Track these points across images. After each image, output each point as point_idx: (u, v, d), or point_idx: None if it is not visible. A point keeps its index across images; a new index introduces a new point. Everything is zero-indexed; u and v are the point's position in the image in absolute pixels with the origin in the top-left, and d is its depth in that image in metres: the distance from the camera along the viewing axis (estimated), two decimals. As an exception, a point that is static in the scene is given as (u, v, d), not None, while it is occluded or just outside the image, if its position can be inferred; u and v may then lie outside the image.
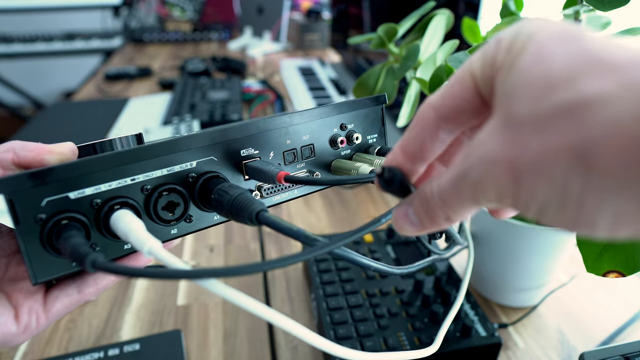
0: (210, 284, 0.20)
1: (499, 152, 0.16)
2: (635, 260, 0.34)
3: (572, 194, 0.14)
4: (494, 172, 0.16)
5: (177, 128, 0.97)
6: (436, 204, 0.19)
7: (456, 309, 0.37)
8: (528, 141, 0.15)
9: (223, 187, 0.26)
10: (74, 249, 0.22)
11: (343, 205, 0.78)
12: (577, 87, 0.14)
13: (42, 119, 1.17)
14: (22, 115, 2.50)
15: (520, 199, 0.16)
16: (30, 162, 0.25)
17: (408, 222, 0.21)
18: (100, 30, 2.47)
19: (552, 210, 0.15)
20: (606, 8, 0.35)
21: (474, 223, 0.55)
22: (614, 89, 0.13)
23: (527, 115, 0.15)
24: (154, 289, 0.59)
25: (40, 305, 0.26)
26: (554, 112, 0.14)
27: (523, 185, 0.15)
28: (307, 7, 1.98)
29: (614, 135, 0.13)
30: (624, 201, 0.13)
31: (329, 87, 1.31)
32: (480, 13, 0.67)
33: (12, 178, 0.22)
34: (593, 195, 0.14)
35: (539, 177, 0.15)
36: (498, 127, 0.16)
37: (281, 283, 0.60)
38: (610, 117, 0.13)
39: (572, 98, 0.14)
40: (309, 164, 0.32)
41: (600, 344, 0.51)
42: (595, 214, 0.14)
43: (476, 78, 0.18)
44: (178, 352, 0.49)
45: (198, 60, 1.55)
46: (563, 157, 0.14)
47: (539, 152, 0.15)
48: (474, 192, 0.17)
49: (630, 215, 0.14)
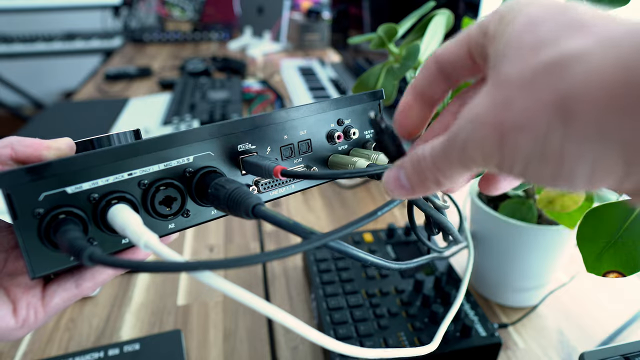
0: (207, 276, 0.20)
1: (486, 113, 0.17)
2: (635, 260, 0.34)
3: (553, 147, 0.15)
4: (481, 132, 0.17)
5: (177, 128, 0.97)
6: (427, 166, 0.20)
7: (456, 308, 0.37)
8: (514, 100, 0.16)
9: (220, 181, 0.26)
10: (71, 243, 0.22)
11: (342, 205, 0.78)
12: (559, 46, 0.15)
13: (42, 119, 1.17)
14: (22, 115, 2.50)
15: (505, 158, 0.17)
16: (28, 158, 0.25)
17: (399, 185, 0.22)
18: (100, 30, 2.47)
19: (534, 165, 0.16)
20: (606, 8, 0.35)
21: (474, 223, 0.55)
22: (592, 45, 0.14)
23: (514, 75, 0.16)
24: (154, 289, 0.59)
25: (39, 299, 0.26)
26: (538, 70, 0.15)
27: (507, 143, 0.16)
28: (307, 7, 1.98)
29: (591, 86, 0.14)
30: (601, 151, 0.14)
31: (329, 87, 1.31)
32: (480, 13, 0.67)
33: (10, 173, 0.22)
34: (573, 146, 0.15)
35: (523, 133, 0.16)
36: (488, 91, 0.17)
37: (281, 283, 0.60)
38: (588, 69, 0.14)
39: (554, 55, 0.15)
40: (306, 159, 0.32)
41: (600, 344, 0.51)
42: (575, 166, 0.15)
43: (470, 43, 0.20)
44: (178, 352, 0.49)
45: (198, 60, 1.55)
46: (545, 111, 0.15)
47: (523, 109, 0.16)
48: (461, 154, 0.18)
49: (607, 165, 0.15)
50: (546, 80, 0.15)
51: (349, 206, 0.78)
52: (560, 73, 0.15)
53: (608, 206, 0.35)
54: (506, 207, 0.51)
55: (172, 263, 0.20)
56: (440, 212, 0.29)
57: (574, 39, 0.15)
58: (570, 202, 0.42)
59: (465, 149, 0.18)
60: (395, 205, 0.25)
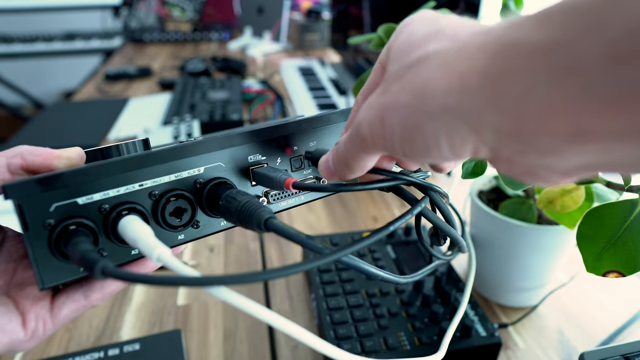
0: (220, 292, 0.20)
1: (373, 100, 0.21)
2: (635, 260, 0.34)
3: (416, 123, 0.19)
4: (369, 114, 0.21)
5: (177, 128, 0.97)
6: (340, 150, 0.24)
7: (460, 316, 0.37)
8: (390, 88, 0.20)
9: (231, 193, 0.26)
10: (83, 256, 0.22)
11: (343, 206, 0.78)
12: (423, 49, 0.20)
13: (42, 119, 1.17)
14: (22, 115, 2.50)
15: (387, 137, 0.21)
16: (38, 167, 0.25)
17: (326, 167, 0.26)
18: (100, 30, 2.47)
19: (407, 142, 0.20)
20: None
21: (474, 223, 0.55)
22: (446, 46, 0.19)
23: (393, 72, 0.21)
24: (154, 289, 0.59)
25: (47, 311, 0.26)
26: (406, 66, 0.20)
27: (386, 122, 0.20)
28: (307, 7, 1.98)
29: (442, 74, 0.18)
30: (453, 125, 0.18)
31: (329, 87, 1.31)
32: (480, 13, 0.67)
33: (21, 183, 0.22)
34: (430, 123, 0.18)
35: (393, 113, 0.20)
36: (380, 86, 0.22)
37: (281, 282, 0.60)
38: (441, 62, 0.18)
39: (420, 55, 0.20)
40: (315, 170, 0.32)
41: (600, 344, 0.51)
42: (435, 139, 0.19)
43: (381, 61, 0.24)
44: (178, 352, 0.49)
45: (198, 60, 1.55)
46: (408, 94, 0.19)
47: (395, 94, 0.20)
48: (357, 135, 0.22)
49: (461, 136, 0.18)
50: (410, 72, 0.20)
51: (349, 207, 0.78)
52: (422, 66, 0.19)
53: (608, 206, 0.35)
54: (506, 207, 0.51)
55: (188, 278, 0.20)
56: (449, 224, 0.29)
57: (434, 43, 0.19)
58: (570, 202, 0.42)
59: (359, 130, 0.22)
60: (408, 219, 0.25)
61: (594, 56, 0.13)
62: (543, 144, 0.16)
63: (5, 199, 0.22)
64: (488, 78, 0.16)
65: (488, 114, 0.17)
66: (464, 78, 0.17)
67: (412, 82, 0.19)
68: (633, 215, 0.34)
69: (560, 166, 0.17)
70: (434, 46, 0.19)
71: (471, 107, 0.17)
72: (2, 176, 0.24)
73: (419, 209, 0.27)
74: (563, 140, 0.15)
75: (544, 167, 0.18)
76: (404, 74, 0.20)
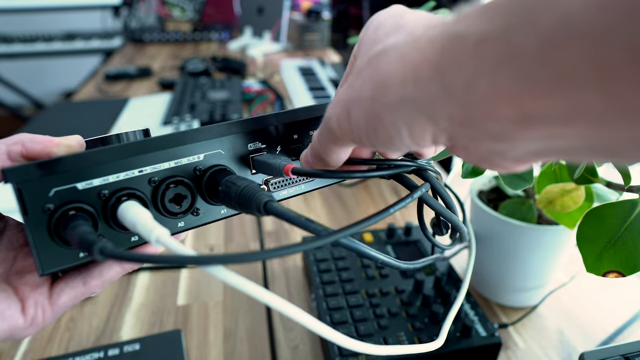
0: (217, 270, 0.20)
1: (341, 94, 0.22)
2: (635, 260, 0.34)
3: (377, 114, 0.20)
4: (337, 108, 0.22)
5: (177, 128, 0.97)
6: (315, 145, 0.26)
7: (459, 303, 0.36)
8: (355, 82, 0.21)
9: (230, 178, 0.26)
10: (82, 237, 0.22)
11: (342, 205, 0.78)
12: (384, 42, 0.21)
13: (42, 119, 1.17)
14: (22, 115, 2.50)
15: (353, 128, 0.22)
16: (38, 155, 0.25)
17: (305, 159, 0.27)
18: (100, 30, 2.48)
19: (370, 133, 0.21)
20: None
21: (474, 223, 0.55)
22: (403, 39, 0.20)
23: (358, 65, 0.22)
24: (154, 289, 0.59)
25: (46, 298, 0.26)
26: (368, 59, 0.21)
27: (352, 115, 0.21)
28: (307, 7, 1.98)
29: (398, 66, 0.19)
30: (411, 114, 0.19)
31: (329, 87, 1.31)
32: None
33: (21, 168, 0.22)
34: (389, 114, 0.19)
35: (356, 106, 0.21)
36: (347, 80, 0.23)
37: (281, 282, 0.60)
38: (398, 54, 0.19)
39: (380, 49, 0.21)
40: None
41: (600, 344, 0.51)
42: (395, 128, 0.20)
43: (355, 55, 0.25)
44: (178, 352, 0.49)
45: (198, 60, 1.55)
46: (369, 87, 0.20)
47: (357, 88, 0.21)
48: (326, 128, 0.23)
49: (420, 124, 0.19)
50: (371, 66, 0.21)
51: (348, 205, 0.78)
52: (379, 60, 0.20)
53: (608, 206, 0.35)
54: (506, 207, 0.51)
55: (185, 256, 0.20)
56: (451, 211, 0.29)
57: (393, 37, 0.20)
58: (570, 202, 0.42)
59: (328, 124, 0.23)
60: (409, 203, 0.25)
61: (529, 44, 0.14)
62: (493, 129, 0.17)
63: (5, 183, 0.22)
64: (439, 69, 0.17)
65: (441, 102, 0.17)
66: (417, 69, 0.18)
67: (373, 76, 0.20)
68: (633, 215, 0.34)
69: (513, 152, 0.18)
70: (392, 40, 0.20)
71: (425, 97, 0.18)
72: (2, 163, 0.24)
73: (419, 193, 0.27)
74: (511, 124, 0.16)
75: (497, 153, 0.18)
76: (366, 68, 0.21)
